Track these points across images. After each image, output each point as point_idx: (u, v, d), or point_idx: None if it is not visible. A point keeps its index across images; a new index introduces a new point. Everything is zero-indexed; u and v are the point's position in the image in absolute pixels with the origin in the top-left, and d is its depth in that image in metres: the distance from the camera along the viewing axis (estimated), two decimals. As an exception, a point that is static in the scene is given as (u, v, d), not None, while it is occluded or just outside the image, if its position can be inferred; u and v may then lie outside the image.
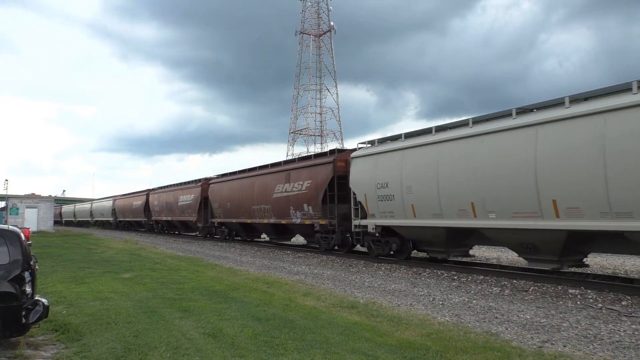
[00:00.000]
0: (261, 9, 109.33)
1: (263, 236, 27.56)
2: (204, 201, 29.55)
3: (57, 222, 65.09)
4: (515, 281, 11.07)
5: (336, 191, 17.12)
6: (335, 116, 64.94)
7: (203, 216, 29.81)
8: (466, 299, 9.18)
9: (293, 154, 62.23)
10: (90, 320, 7.11)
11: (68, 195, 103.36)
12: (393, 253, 15.03)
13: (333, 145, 63.16)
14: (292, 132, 65.83)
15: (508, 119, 10.95)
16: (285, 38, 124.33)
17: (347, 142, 65.07)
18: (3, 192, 42.80)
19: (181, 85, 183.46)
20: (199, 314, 7.51)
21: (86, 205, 67.74)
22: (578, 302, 8.73)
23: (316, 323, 6.91)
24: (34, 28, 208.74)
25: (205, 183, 30.00)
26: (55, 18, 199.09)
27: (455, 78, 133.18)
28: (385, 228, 14.90)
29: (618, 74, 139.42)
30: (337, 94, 65.30)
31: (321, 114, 64.66)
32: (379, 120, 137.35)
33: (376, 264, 15.03)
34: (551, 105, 10.29)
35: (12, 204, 41.08)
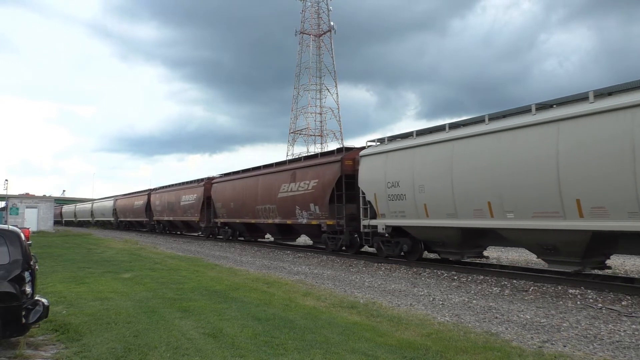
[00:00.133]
0: (261, 9, 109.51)
1: (267, 236, 27.31)
2: (207, 201, 29.27)
3: (58, 222, 65.10)
4: (515, 281, 11.07)
5: (344, 190, 16.79)
6: (335, 116, 65.02)
7: (206, 216, 29.52)
8: (466, 299, 9.17)
9: (293, 154, 62.30)
10: (90, 320, 7.11)
11: (68, 195, 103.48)
12: (404, 254, 14.67)
13: (333, 145, 63.22)
14: (292, 132, 65.89)
15: (527, 115, 10.54)
16: (285, 38, 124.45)
17: (347, 142, 64.95)
18: (3, 192, 42.82)
19: (181, 85, 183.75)
20: (199, 314, 7.51)
21: (87, 205, 67.66)
22: (578, 302, 8.73)
23: (316, 323, 6.91)
24: (34, 28, 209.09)
25: (208, 183, 29.70)
26: (55, 18, 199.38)
27: (455, 78, 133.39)
28: (395, 228, 14.52)
29: (618, 74, 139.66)
30: (337, 94, 65.41)
31: (321, 114, 64.72)
32: (379, 120, 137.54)
33: (376, 264, 15.02)
34: (573, 100, 9.89)
35: (12, 204, 41.07)
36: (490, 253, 18.60)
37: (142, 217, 42.36)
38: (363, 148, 16.37)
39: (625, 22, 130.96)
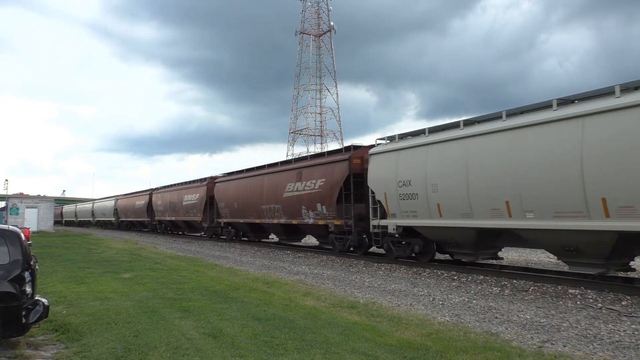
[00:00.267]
0: (261, 9, 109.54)
1: (271, 237, 26.92)
2: (210, 201, 28.90)
3: (58, 222, 65.12)
4: (515, 281, 11.07)
5: (352, 190, 16.37)
6: (335, 116, 65.09)
7: (209, 216, 29.23)
8: (466, 299, 9.18)
9: (293, 154, 62.28)
10: (90, 320, 7.11)
11: (68, 195, 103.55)
12: (415, 255, 14.27)
13: (333, 145, 63.31)
14: (292, 132, 65.94)
15: (548, 111, 10.17)
16: (285, 38, 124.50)
17: (347, 142, 65.07)
18: (3, 192, 42.81)
19: (181, 85, 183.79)
20: (199, 314, 7.51)
21: (87, 205, 67.62)
22: (578, 302, 8.73)
23: (316, 323, 6.91)
24: (34, 28, 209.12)
25: (211, 182, 29.31)
26: (55, 18, 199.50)
27: (455, 78, 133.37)
28: (406, 229, 14.08)
29: (618, 74, 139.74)
30: (337, 94, 65.49)
31: (321, 114, 64.78)
32: (379, 120, 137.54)
33: (376, 264, 15.01)
34: (597, 95, 9.56)
35: (12, 204, 41.09)
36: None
37: (144, 217, 42.20)
38: (372, 146, 15.89)
39: (625, 22, 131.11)
